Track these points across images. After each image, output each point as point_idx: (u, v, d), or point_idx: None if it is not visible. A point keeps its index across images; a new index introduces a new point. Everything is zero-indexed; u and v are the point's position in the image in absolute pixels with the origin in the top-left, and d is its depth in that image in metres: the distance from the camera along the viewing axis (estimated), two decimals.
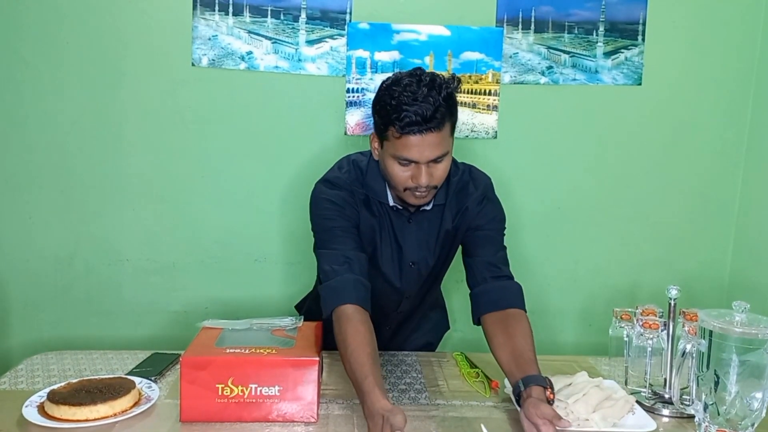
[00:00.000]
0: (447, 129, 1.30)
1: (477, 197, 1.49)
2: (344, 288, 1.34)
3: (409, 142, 1.28)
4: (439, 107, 1.26)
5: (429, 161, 1.30)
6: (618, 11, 2.17)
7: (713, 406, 1.15)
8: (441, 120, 1.27)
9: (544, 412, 1.12)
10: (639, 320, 1.41)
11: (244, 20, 2.10)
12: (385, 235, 1.48)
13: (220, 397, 1.22)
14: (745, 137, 2.25)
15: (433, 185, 1.34)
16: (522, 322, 1.37)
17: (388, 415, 1.07)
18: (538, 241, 2.28)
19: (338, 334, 1.29)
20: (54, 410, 1.20)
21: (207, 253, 2.21)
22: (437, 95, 1.26)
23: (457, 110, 1.34)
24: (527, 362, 1.26)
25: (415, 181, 1.32)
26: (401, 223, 1.48)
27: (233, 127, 2.15)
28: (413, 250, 1.50)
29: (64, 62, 2.08)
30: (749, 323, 1.12)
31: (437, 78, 1.30)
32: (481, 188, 1.51)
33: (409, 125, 1.26)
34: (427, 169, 1.31)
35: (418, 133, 1.27)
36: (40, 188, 2.14)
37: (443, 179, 1.36)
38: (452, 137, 1.35)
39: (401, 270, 1.52)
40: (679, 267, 2.29)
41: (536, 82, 2.20)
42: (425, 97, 1.25)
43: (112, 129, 2.13)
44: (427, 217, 1.49)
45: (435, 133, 1.27)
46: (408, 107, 1.25)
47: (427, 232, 1.49)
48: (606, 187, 2.27)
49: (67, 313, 2.19)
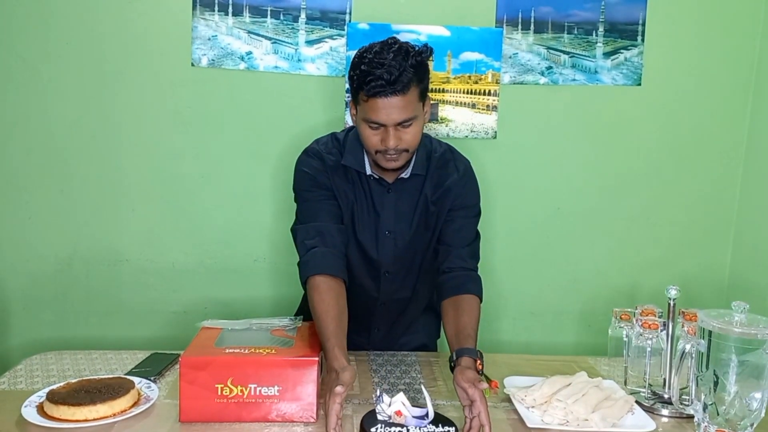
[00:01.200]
0: (414, 94, 1.36)
1: (459, 179, 1.55)
2: (314, 260, 1.42)
3: (376, 105, 1.35)
4: (404, 71, 1.32)
5: (396, 124, 1.36)
6: (617, 12, 2.17)
7: (712, 406, 1.15)
8: (407, 84, 1.33)
9: (468, 377, 1.23)
10: (638, 320, 1.41)
11: (243, 20, 2.11)
12: (362, 205, 1.53)
13: (219, 397, 1.22)
14: (745, 138, 2.25)
15: (402, 148, 1.40)
16: (472, 305, 1.46)
17: (340, 371, 1.20)
18: (537, 242, 2.28)
19: (309, 303, 1.40)
20: (53, 410, 1.20)
21: (206, 254, 2.21)
22: (404, 61, 1.33)
23: (427, 78, 1.41)
24: (466, 337, 1.36)
25: (384, 144, 1.38)
26: (380, 192, 1.53)
27: (233, 128, 2.15)
28: (390, 219, 1.54)
29: (64, 63, 2.08)
30: (748, 323, 1.12)
31: (406, 46, 1.37)
32: (463, 169, 1.58)
33: (375, 88, 1.33)
34: (395, 132, 1.37)
35: (383, 96, 1.33)
36: (39, 189, 2.14)
37: (414, 144, 1.42)
38: (423, 104, 1.41)
39: (377, 239, 1.55)
40: (679, 267, 2.29)
41: (536, 83, 2.20)
42: (391, 62, 1.32)
43: (111, 129, 2.13)
44: (407, 188, 1.53)
45: (400, 97, 1.34)
46: (375, 71, 1.32)
47: (407, 202, 1.54)
48: (605, 187, 2.27)
49: (66, 314, 2.19)
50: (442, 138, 2.17)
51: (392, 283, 1.62)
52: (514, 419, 1.29)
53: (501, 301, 2.28)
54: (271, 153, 2.17)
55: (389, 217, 1.54)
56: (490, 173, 2.21)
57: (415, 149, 1.44)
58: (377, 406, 1.19)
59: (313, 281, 1.40)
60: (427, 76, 1.41)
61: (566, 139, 2.24)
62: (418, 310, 1.74)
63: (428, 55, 1.41)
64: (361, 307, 1.59)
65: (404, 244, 1.56)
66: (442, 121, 2.18)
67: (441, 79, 2.16)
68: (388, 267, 1.58)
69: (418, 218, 1.55)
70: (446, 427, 1.16)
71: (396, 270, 1.60)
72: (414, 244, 1.58)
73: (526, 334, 2.30)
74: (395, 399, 1.18)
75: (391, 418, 1.17)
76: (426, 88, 1.41)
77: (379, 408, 1.19)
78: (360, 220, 1.54)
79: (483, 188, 2.19)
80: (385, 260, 1.57)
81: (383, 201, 1.53)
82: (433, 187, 1.54)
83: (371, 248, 1.56)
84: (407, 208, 1.54)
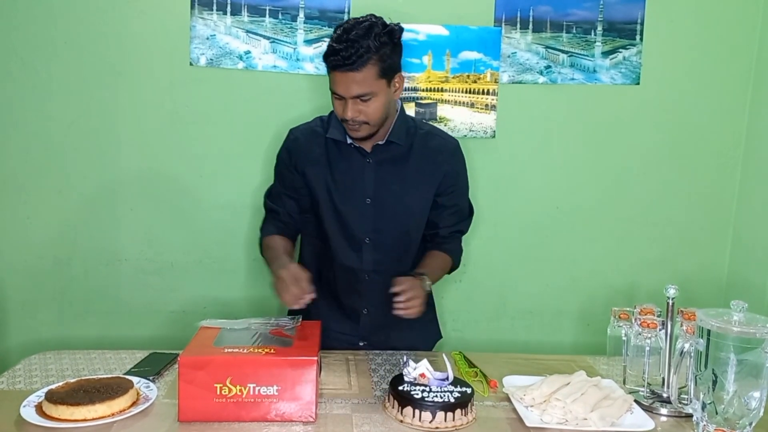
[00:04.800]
0: (372, 71, 1.44)
1: (455, 163, 1.67)
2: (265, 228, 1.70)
3: (335, 78, 1.46)
4: (362, 49, 1.41)
5: (353, 97, 1.46)
6: (616, 11, 2.17)
7: (711, 406, 1.15)
8: (364, 61, 1.42)
9: (401, 279, 1.46)
10: (637, 320, 1.41)
11: (242, 20, 2.10)
12: (343, 175, 1.61)
13: (218, 397, 1.22)
14: (743, 137, 2.25)
15: (361, 120, 1.49)
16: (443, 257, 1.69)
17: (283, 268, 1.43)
18: (536, 241, 2.28)
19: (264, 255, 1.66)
20: (52, 410, 1.20)
21: (205, 253, 2.20)
22: (364, 39, 1.41)
23: (393, 56, 1.48)
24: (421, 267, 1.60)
25: (343, 114, 1.49)
26: (360, 160, 1.61)
27: (231, 127, 2.15)
28: (370, 187, 1.61)
29: (62, 62, 2.08)
30: (747, 322, 1.13)
31: (376, 23, 1.46)
32: (453, 148, 1.68)
33: (333, 62, 1.44)
34: (353, 105, 1.47)
35: (339, 71, 1.43)
36: (38, 188, 2.13)
37: (374, 118, 1.50)
38: (386, 80, 1.48)
39: (358, 208, 1.61)
40: (678, 267, 2.29)
41: (534, 82, 2.20)
42: (352, 38, 1.41)
43: (109, 129, 2.13)
44: (387, 157, 1.61)
45: (356, 73, 1.42)
46: (336, 45, 1.42)
47: (388, 171, 1.61)
48: (604, 186, 2.27)
49: (65, 313, 2.19)
50: None
51: (375, 253, 1.63)
52: (513, 418, 1.29)
53: (500, 301, 2.28)
54: (269, 152, 2.16)
55: (369, 186, 1.61)
56: (488, 172, 2.22)
57: (377, 122, 1.52)
58: (404, 370, 1.32)
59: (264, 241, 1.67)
60: (394, 54, 1.48)
61: (565, 139, 2.24)
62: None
63: (396, 33, 1.49)
64: (347, 285, 1.65)
65: (385, 213, 1.61)
66: (440, 121, 2.18)
67: (440, 79, 2.16)
68: (369, 234, 1.62)
69: (400, 187, 1.60)
70: (464, 388, 1.30)
71: (378, 239, 1.62)
72: (396, 213, 1.61)
73: (525, 333, 2.30)
74: (420, 364, 1.32)
75: (416, 380, 1.31)
76: (392, 66, 1.48)
77: (406, 371, 1.32)
78: (341, 190, 1.61)
79: (482, 187, 2.21)
80: (365, 227, 1.62)
81: (363, 169, 1.60)
82: (421, 159, 1.61)
83: (351, 217, 1.62)
84: (389, 177, 1.61)
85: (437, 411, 1.23)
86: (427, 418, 1.23)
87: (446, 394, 1.26)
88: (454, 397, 1.25)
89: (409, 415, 1.24)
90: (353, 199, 1.61)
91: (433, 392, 1.27)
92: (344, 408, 1.31)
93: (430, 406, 1.23)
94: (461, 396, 1.26)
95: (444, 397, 1.25)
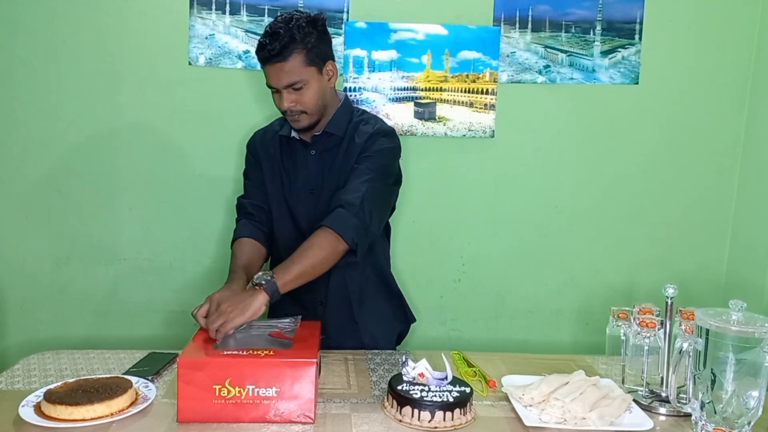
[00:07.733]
0: (297, 59, 1.48)
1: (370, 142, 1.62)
2: (238, 230, 1.70)
3: (267, 72, 1.52)
4: (281, 40, 1.45)
5: (285, 87, 1.51)
6: (615, 10, 2.17)
7: (710, 405, 1.15)
8: (287, 52, 1.47)
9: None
10: (636, 319, 1.41)
11: (241, 19, 2.10)
12: (290, 168, 1.67)
13: (217, 398, 1.21)
14: (742, 136, 2.25)
15: (299, 110, 1.54)
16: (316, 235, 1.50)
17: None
18: (535, 240, 2.28)
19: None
20: (51, 410, 1.20)
21: (204, 253, 2.20)
22: (284, 30, 1.46)
23: (318, 44, 1.52)
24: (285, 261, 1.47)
25: (281, 105, 1.54)
26: (303, 152, 1.66)
27: (230, 126, 2.15)
28: (311, 178, 1.66)
29: (61, 62, 2.08)
30: (746, 322, 1.13)
31: (295, 17, 1.49)
32: (376, 128, 1.65)
33: (262, 57, 1.50)
34: (287, 95, 1.52)
35: (269, 63, 1.49)
36: (36, 188, 2.13)
37: (310, 106, 1.54)
38: (316, 68, 1.53)
39: (301, 199, 1.66)
40: (676, 266, 2.29)
41: (533, 81, 2.20)
42: (274, 31, 1.47)
43: (108, 128, 2.13)
44: (327, 148, 1.65)
45: (284, 63, 1.48)
46: (262, 41, 1.49)
47: (328, 162, 1.64)
48: (603, 186, 2.27)
49: (63, 313, 2.18)
50: (440, 137, 2.18)
51: None
52: (512, 418, 1.29)
53: (499, 300, 2.28)
54: None
55: (311, 176, 1.65)
56: (487, 172, 2.22)
57: (314, 110, 1.56)
58: (403, 369, 1.33)
59: (235, 244, 1.66)
60: (321, 43, 1.53)
61: (564, 138, 2.24)
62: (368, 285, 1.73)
63: (319, 22, 1.53)
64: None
65: (324, 202, 1.62)
66: (439, 120, 2.17)
67: (438, 78, 2.16)
68: (311, 224, 1.60)
69: (337, 177, 1.62)
70: (462, 387, 1.30)
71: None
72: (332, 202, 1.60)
73: (524, 332, 2.30)
74: (419, 363, 1.32)
75: (415, 380, 1.31)
76: (320, 54, 1.53)
77: (405, 371, 1.32)
78: (289, 183, 1.67)
79: (481, 187, 2.21)
80: (308, 218, 1.64)
81: (306, 160, 1.66)
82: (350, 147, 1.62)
83: (297, 208, 1.67)
84: (327, 167, 1.64)
85: (436, 410, 1.23)
86: (426, 417, 1.23)
87: (445, 394, 1.26)
88: (453, 396, 1.26)
89: (408, 414, 1.24)
90: (299, 190, 1.67)
91: (432, 392, 1.27)
92: (343, 408, 1.31)
93: (429, 406, 1.23)
94: (460, 395, 1.27)
95: (443, 397, 1.25)
